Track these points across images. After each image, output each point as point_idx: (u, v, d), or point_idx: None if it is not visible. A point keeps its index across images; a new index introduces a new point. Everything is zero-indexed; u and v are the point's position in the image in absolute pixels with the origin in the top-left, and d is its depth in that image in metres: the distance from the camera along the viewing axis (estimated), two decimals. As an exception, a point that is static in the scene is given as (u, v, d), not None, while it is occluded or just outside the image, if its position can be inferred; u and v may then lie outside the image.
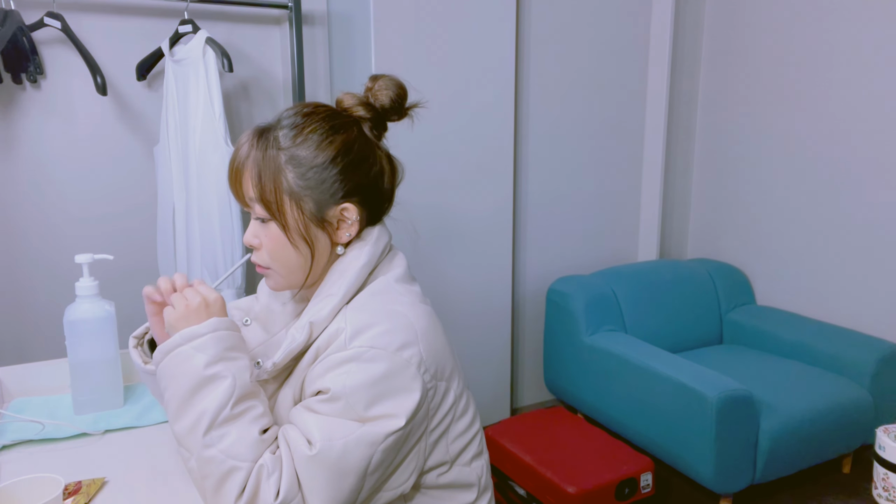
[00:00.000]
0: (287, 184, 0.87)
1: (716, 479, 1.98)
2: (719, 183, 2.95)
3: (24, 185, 1.98)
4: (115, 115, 2.06)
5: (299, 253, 0.89)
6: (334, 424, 0.80)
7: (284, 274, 0.91)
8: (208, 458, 0.77)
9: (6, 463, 1.02)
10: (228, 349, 0.83)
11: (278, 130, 0.88)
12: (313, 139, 0.87)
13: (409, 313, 0.87)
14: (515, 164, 2.59)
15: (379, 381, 0.81)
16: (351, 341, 0.82)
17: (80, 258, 1.16)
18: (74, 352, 1.15)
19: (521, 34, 2.52)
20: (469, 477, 0.95)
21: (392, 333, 0.83)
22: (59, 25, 1.83)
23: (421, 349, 0.85)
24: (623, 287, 2.58)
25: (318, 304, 0.88)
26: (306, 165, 0.87)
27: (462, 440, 0.93)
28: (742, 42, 2.79)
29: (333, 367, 0.82)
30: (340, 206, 0.89)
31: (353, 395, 0.80)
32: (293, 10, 2.04)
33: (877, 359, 2.22)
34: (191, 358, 0.80)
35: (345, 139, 0.89)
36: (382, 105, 0.93)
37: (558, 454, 2.04)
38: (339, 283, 0.89)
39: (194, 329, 0.82)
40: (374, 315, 0.85)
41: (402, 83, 0.95)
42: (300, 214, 0.87)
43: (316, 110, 0.91)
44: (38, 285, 2.03)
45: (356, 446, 0.79)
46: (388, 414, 0.81)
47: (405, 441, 0.85)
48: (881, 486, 1.09)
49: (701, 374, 2.04)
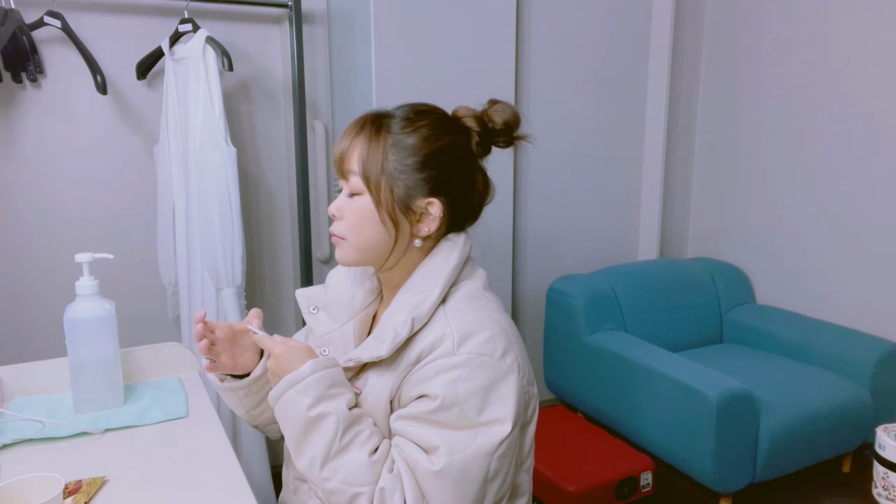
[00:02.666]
0: (387, 165, 0.91)
1: (716, 478, 1.98)
2: (719, 183, 2.94)
3: (23, 184, 1.98)
4: (115, 114, 2.06)
5: (381, 230, 0.93)
6: (451, 438, 0.84)
7: (357, 247, 0.94)
8: (331, 490, 0.85)
9: (6, 462, 1.02)
10: (329, 387, 0.88)
11: (392, 119, 0.94)
12: (422, 133, 0.93)
13: (503, 320, 0.92)
14: (515, 163, 2.59)
15: (488, 387, 0.85)
16: (459, 347, 0.86)
17: (80, 257, 1.15)
18: (74, 351, 1.15)
19: (521, 34, 2.52)
20: (525, 483, 0.99)
21: (495, 340, 0.87)
22: (59, 24, 1.82)
23: (517, 355, 0.90)
24: (623, 286, 2.58)
25: (413, 298, 0.92)
26: (408, 153, 0.92)
27: (530, 444, 0.98)
28: (742, 41, 2.79)
29: (442, 371, 0.85)
30: (427, 200, 0.93)
31: (466, 403, 0.84)
32: (293, 9, 2.04)
33: (877, 358, 2.22)
34: (296, 403, 0.86)
35: (450, 141, 0.94)
36: (494, 125, 0.98)
37: (558, 453, 2.04)
38: (434, 280, 0.93)
39: (295, 374, 0.87)
40: (475, 321, 0.89)
41: (519, 113, 1.00)
42: (390, 196, 0.92)
43: (432, 110, 0.97)
44: (38, 284, 2.03)
45: (475, 458, 0.83)
46: (498, 419, 0.85)
47: (513, 447, 0.89)
48: (881, 485, 1.09)
49: (701, 373, 2.04)
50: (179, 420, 1.16)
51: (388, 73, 2.11)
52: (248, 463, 2.01)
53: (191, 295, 1.96)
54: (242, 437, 2.01)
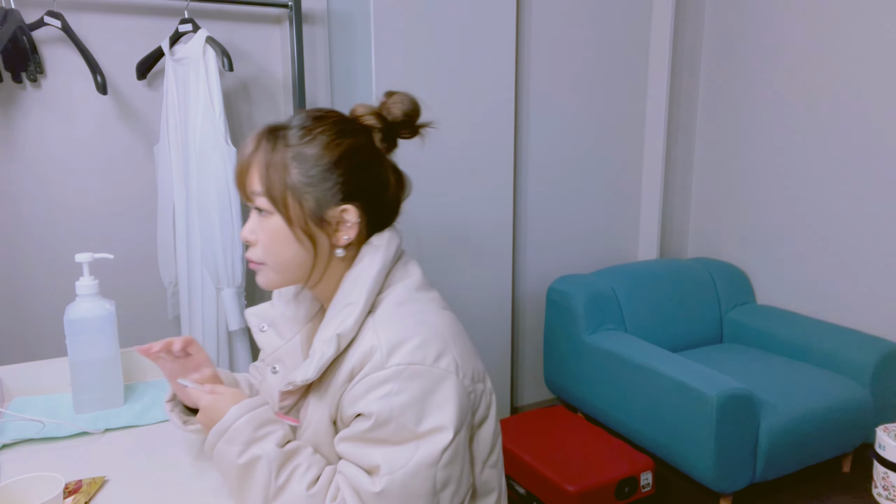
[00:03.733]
0: (291, 180, 0.88)
1: (716, 478, 1.98)
2: (719, 183, 2.95)
3: (24, 184, 1.98)
4: (116, 115, 2.06)
5: (299, 248, 0.90)
6: (391, 455, 0.81)
7: (277, 269, 0.92)
8: None
9: (6, 462, 1.02)
10: (256, 429, 0.86)
11: (288, 130, 0.90)
12: (321, 140, 0.89)
13: (437, 321, 0.88)
14: (516, 163, 2.59)
15: (423, 396, 0.82)
16: (388, 360, 0.83)
17: (80, 257, 1.15)
18: (75, 351, 1.15)
19: (522, 34, 2.52)
20: (493, 480, 0.96)
21: (426, 346, 0.84)
22: (59, 24, 1.83)
23: (455, 355, 0.86)
24: (623, 286, 2.58)
25: (340, 313, 0.89)
26: (311, 163, 0.88)
27: (491, 440, 0.94)
28: (742, 42, 2.79)
29: (373, 387, 0.82)
30: (341, 208, 0.90)
31: (402, 416, 0.81)
32: (293, 9, 2.04)
33: (877, 358, 2.22)
34: (226, 453, 0.85)
35: (352, 143, 0.91)
36: (395, 118, 0.95)
37: (558, 453, 2.04)
38: (358, 290, 0.89)
39: (220, 424, 0.86)
40: (404, 328, 0.85)
41: (417, 100, 0.96)
42: (300, 211, 0.88)
43: (328, 115, 0.93)
44: (38, 284, 2.03)
45: (416, 473, 0.81)
46: (437, 427, 0.82)
47: (461, 452, 0.86)
48: (881, 484, 1.09)
49: (701, 373, 2.04)
50: (179, 420, 1.16)
51: (388, 73, 2.11)
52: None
53: (191, 295, 1.96)
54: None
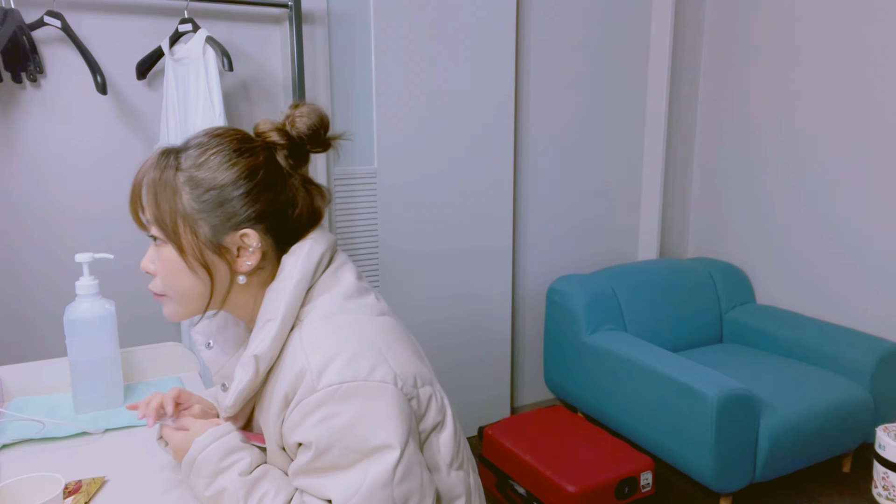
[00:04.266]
0: (182, 206, 0.82)
1: (716, 478, 1.98)
2: (719, 183, 2.95)
3: (23, 184, 1.98)
4: (115, 114, 2.06)
5: (196, 279, 0.85)
6: (341, 482, 0.77)
7: (179, 301, 0.88)
8: None
9: (6, 462, 1.02)
10: (220, 459, 0.85)
11: (183, 152, 0.85)
12: (215, 161, 0.83)
13: (367, 331, 0.83)
14: (516, 163, 2.59)
15: (361, 414, 0.77)
16: (318, 381, 0.77)
17: (80, 257, 1.15)
18: (75, 351, 1.15)
19: (522, 34, 2.52)
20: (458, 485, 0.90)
21: (357, 359, 0.79)
22: (59, 24, 1.82)
23: (391, 364, 0.81)
24: (623, 286, 2.58)
25: (259, 332, 0.83)
26: (203, 187, 0.82)
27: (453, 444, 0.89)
28: (742, 42, 2.79)
29: (308, 413, 0.78)
30: (240, 233, 0.84)
31: (343, 439, 0.77)
32: (293, 9, 2.04)
33: (877, 358, 2.22)
34: (196, 486, 0.86)
35: (249, 163, 0.84)
36: (300, 133, 0.88)
37: (558, 453, 2.04)
38: (275, 305, 0.83)
39: (186, 457, 0.86)
40: (332, 345, 0.80)
41: (324, 113, 0.90)
42: (194, 239, 0.83)
43: (225, 133, 0.87)
44: (38, 284, 2.03)
45: (370, 495, 0.76)
46: (382, 445, 0.77)
47: (415, 464, 0.80)
48: (881, 484, 1.09)
49: (701, 373, 2.04)
50: (179, 420, 1.16)
51: (388, 73, 2.11)
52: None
53: (191, 295, 1.96)
54: (242, 436, 2.01)
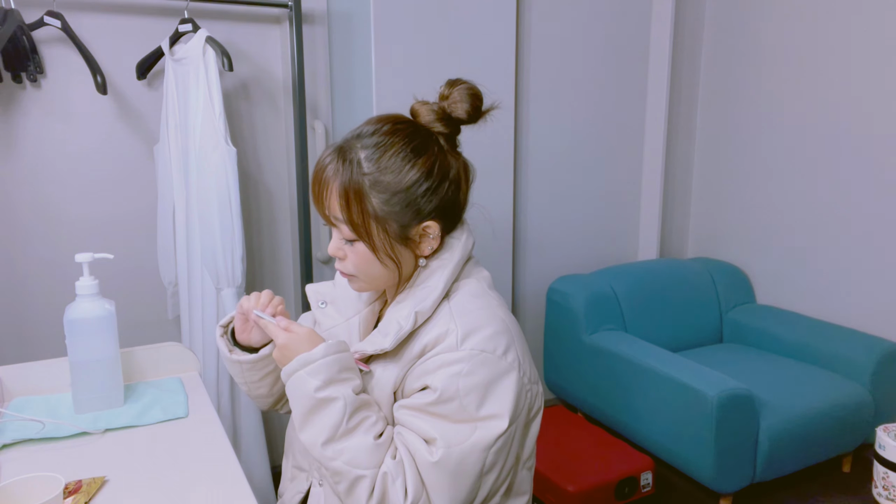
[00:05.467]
0: (372, 208, 0.90)
1: (716, 478, 1.98)
2: (719, 183, 2.94)
3: (23, 184, 1.98)
4: (115, 115, 2.06)
5: (385, 268, 0.94)
6: (450, 430, 0.86)
7: (369, 281, 0.96)
8: (335, 470, 0.87)
9: (7, 462, 1.02)
10: (339, 371, 0.90)
11: (360, 151, 0.90)
12: (396, 163, 0.89)
13: (506, 318, 0.94)
14: (515, 163, 2.59)
15: (488, 383, 0.87)
16: (462, 343, 0.87)
17: (80, 257, 1.15)
18: (75, 351, 1.15)
19: (521, 34, 2.52)
20: (526, 482, 1.01)
21: (497, 337, 0.89)
22: (59, 24, 1.82)
23: (518, 353, 0.92)
24: (623, 286, 2.58)
25: (418, 293, 0.93)
26: (391, 191, 0.89)
27: (533, 443, 1.00)
28: (742, 42, 2.79)
29: (445, 365, 0.87)
30: (423, 225, 0.93)
31: (466, 397, 0.86)
32: (293, 9, 2.04)
33: (877, 358, 2.22)
34: (305, 382, 0.88)
35: (426, 161, 0.91)
36: (460, 118, 0.95)
37: (558, 453, 2.04)
38: (438, 276, 0.94)
39: (308, 355, 0.89)
40: (479, 318, 0.90)
41: (479, 91, 0.96)
42: (385, 236, 0.91)
43: (396, 129, 0.92)
44: (38, 284, 2.03)
45: (471, 452, 0.86)
46: (495, 414, 0.86)
47: (512, 443, 0.91)
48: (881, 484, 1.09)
49: (701, 373, 2.04)
50: (179, 420, 1.16)
51: (388, 73, 2.11)
52: (247, 463, 2.01)
53: (191, 295, 1.96)
54: (242, 437, 2.01)
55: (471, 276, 0.98)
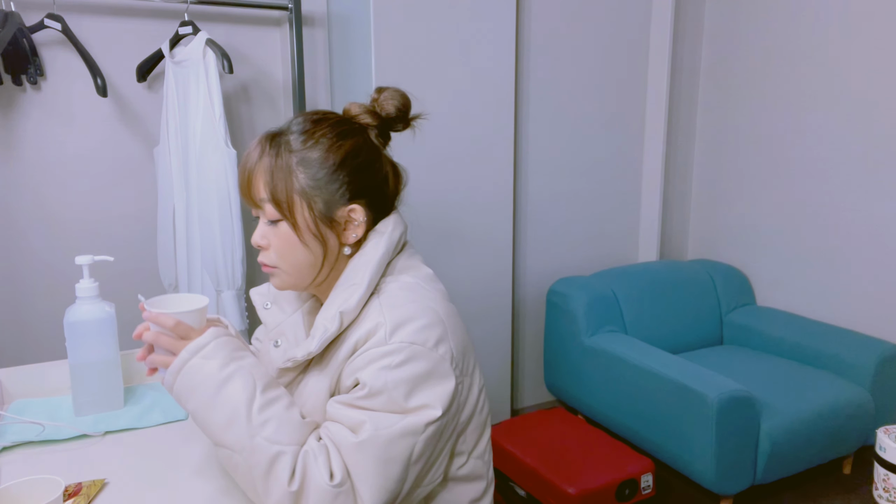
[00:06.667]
0: (298, 184, 0.90)
1: (716, 480, 1.98)
2: (719, 183, 2.95)
3: (24, 187, 1.98)
4: (116, 117, 2.06)
5: (309, 252, 0.93)
6: (377, 417, 0.84)
7: (291, 272, 0.94)
8: (252, 448, 0.81)
9: (6, 464, 1.02)
10: (234, 350, 0.88)
11: (289, 135, 0.93)
12: (324, 143, 0.92)
13: (440, 310, 0.91)
14: (515, 164, 2.59)
15: (418, 376, 0.85)
16: (391, 336, 0.86)
17: (80, 259, 1.16)
18: (75, 353, 1.15)
19: (521, 35, 2.52)
20: (481, 469, 0.99)
21: (428, 329, 0.87)
22: (60, 27, 1.83)
23: (451, 345, 0.89)
24: (623, 288, 2.58)
25: (343, 293, 0.91)
26: (317, 167, 0.91)
27: (479, 432, 0.98)
28: (742, 43, 2.79)
29: (374, 360, 0.85)
30: (349, 208, 0.93)
31: (395, 390, 0.84)
32: (293, 11, 2.04)
33: (877, 359, 2.21)
34: (203, 367, 0.85)
35: (353, 143, 0.93)
36: (388, 114, 0.98)
37: (559, 455, 2.04)
38: (363, 272, 0.92)
39: (197, 342, 0.87)
40: (410, 311, 0.88)
41: (407, 94, 1.00)
42: (310, 213, 0.91)
43: (325, 117, 0.95)
44: (38, 287, 2.04)
45: (400, 436, 0.83)
46: (427, 404, 0.85)
47: (442, 433, 0.88)
48: (882, 486, 1.09)
49: (701, 374, 2.04)
50: (179, 422, 1.16)
51: (388, 75, 2.11)
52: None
53: (191, 297, 1.96)
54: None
55: (405, 272, 0.96)
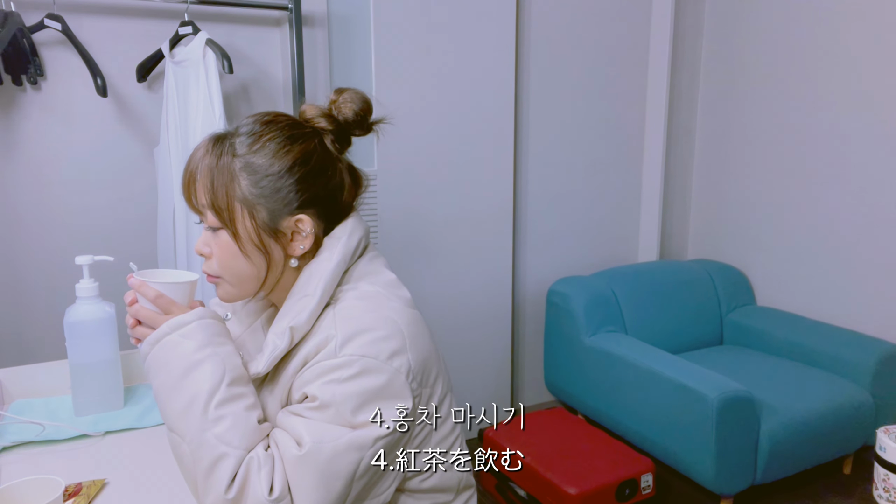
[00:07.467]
0: (240, 191, 0.84)
1: (716, 480, 1.98)
2: (719, 183, 2.94)
3: (24, 187, 1.98)
4: (116, 117, 2.06)
5: (251, 263, 0.87)
6: (323, 428, 0.79)
7: (234, 283, 0.89)
8: (200, 442, 0.77)
9: (7, 464, 1.02)
10: (215, 335, 0.83)
11: (235, 137, 0.87)
12: (270, 147, 0.85)
13: (399, 319, 0.85)
14: (516, 164, 2.59)
15: (368, 389, 0.80)
16: (341, 349, 0.80)
17: (80, 260, 1.16)
18: (75, 353, 1.15)
19: (521, 35, 2.52)
20: (450, 481, 0.94)
21: (382, 341, 0.82)
22: (60, 27, 1.83)
23: (409, 357, 0.83)
24: (623, 288, 2.58)
25: (295, 305, 0.86)
26: (261, 173, 0.85)
27: (444, 445, 0.92)
28: (741, 43, 2.79)
29: (323, 373, 0.80)
30: (295, 218, 0.87)
31: (343, 404, 0.79)
32: (293, 11, 2.04)
33: (877, 359, 2.21)
34: (179, 345, 0.81)
35: (303, 149, 0.87)
36: (346, 118, 0.91)
37: (559, 455, 2.04)
38: (315, 283, 0.86)
39: (181, 318, 0.82)
40: (363, 322, 0.83)
41: (368, 98, 0.92)
42: (252, 223, 0.85)
43: (276, 119, 0.89)
44: (38, 286, 2.03)
45: (346, 450, 0.78)
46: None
47: (393, 448, 0.83)
48: (882, 486, 1.09)
49: (701, 374, 2.04)
50: (180, 422, 1.16)
51: (388, 74, 2.11)
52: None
53: (191, 297, 1.96)
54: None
55: (364, 279, 0.89)
